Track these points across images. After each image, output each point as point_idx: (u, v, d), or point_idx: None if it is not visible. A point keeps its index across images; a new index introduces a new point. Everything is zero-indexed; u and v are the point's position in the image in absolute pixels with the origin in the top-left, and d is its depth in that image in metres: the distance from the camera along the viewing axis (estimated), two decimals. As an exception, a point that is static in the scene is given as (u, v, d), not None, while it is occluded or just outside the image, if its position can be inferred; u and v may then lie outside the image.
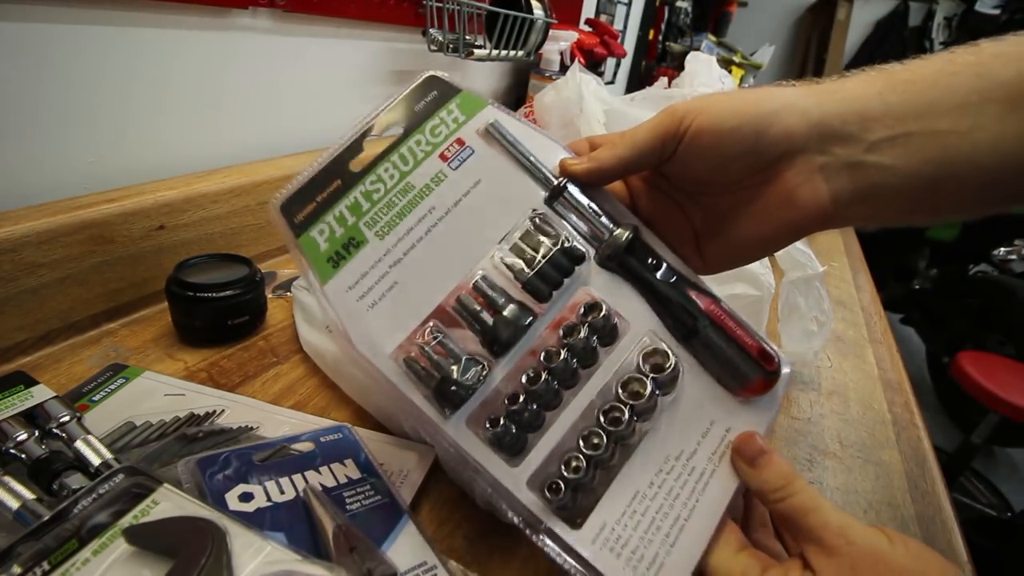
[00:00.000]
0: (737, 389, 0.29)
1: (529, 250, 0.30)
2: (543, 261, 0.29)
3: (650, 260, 0.30)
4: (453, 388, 0.27)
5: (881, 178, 0.25)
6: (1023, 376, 1.45)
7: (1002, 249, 2.06)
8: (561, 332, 0.29)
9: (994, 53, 0.24)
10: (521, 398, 0.27)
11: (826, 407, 0.49)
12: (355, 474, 0.32)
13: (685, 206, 0.31)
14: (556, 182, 0.31)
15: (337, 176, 0.30)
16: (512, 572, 0.30)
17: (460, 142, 0.31)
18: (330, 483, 0.31)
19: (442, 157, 0.31)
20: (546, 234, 0.30)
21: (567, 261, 0.30)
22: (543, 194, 0.31)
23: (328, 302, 0.28)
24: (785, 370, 0.29)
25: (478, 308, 0.29)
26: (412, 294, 0.28)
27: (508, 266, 0.30)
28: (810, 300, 0.50)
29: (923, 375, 2.16)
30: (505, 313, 0.28)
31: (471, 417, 0.27)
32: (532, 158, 0.31)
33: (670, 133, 0.28)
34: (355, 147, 0.31)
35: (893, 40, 3.15)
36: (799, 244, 0.50)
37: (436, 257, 0.29)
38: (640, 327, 0.30)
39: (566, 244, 0.30)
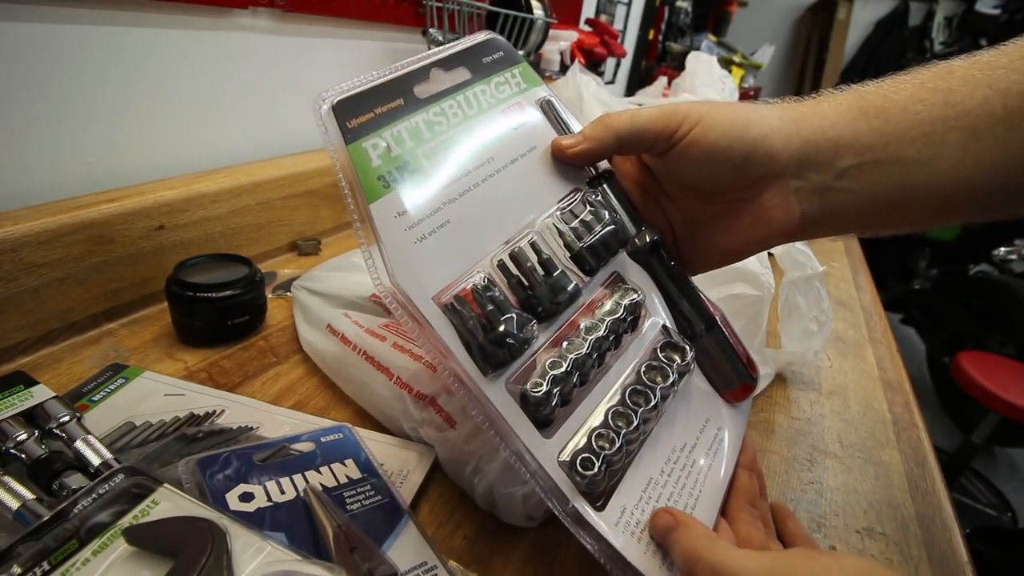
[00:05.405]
0: (723, 392, 0.31)
1: (580, 222, 0.29)
2: (595, 236, 0.29)
3: (672, 263, 0.32)
4: (508, 341, 0.25)
5: (846, 201, 0.28)
6: (1023, 376, 1.45)
7: (1002, 249, 2.06)
8: (598, 308, 0.29)
9: (964, 77, 0.26)
10: (563, 367, 0.26)
11: (826, 407, 0.49)
12: (355, 474, 0.32)
13: (668, 209, 0.33)
14: (600, 169, 0.32)
15: (399, 95, 0.28)
16: (512, 572, 0.30)
17: (520, 106, 0.32)
18: (330, 483, 0.31)
19: (504, 114, 0.31)
20: (595, 213, 0.30)
21: (615, 242, 0.30)
22: (587, 176, 0.32)
23: (372, 223, 0.25)
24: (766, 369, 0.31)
25: (532, 265, 0.27)
26: (463, 238, 0.27)
27: (560, 233, 0.29)
28: (810, 300, 0.50)
29: (923, 375, 2.16)
30: (556, 276, 0.27)
31: (509, 379, 0.25)
32: None
33: (670, 128, 0.29)
34: (421, 73, 0.29)
35: (893, 40, 3.15)
36: (799, 244, 0.50)
37: (491, 207, 0.28)
38: (656, 321, 0.31)
39: (615, 224, 0.30)
